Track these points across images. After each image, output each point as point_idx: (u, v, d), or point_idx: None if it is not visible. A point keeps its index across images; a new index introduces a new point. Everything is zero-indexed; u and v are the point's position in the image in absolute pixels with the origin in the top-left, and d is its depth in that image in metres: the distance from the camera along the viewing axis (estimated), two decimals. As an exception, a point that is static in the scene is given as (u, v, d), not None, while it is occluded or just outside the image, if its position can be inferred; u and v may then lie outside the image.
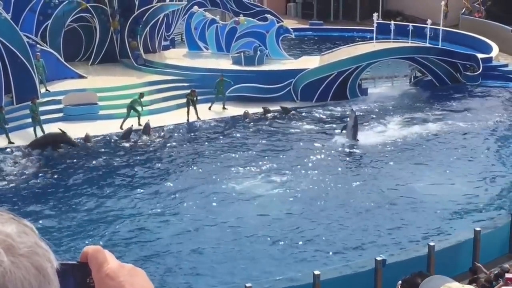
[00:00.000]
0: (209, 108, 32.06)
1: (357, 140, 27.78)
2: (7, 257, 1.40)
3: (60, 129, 27.22)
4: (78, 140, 27.44)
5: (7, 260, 1.40)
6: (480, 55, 37.88)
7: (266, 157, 26.16)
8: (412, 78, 37.58)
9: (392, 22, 39.70)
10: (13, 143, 27.05)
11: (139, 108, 29.63)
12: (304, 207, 21.70)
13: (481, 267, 14.70)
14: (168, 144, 27.83)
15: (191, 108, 30.64)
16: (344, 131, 28.34)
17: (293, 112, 31.84)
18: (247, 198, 22.47)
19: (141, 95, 30.03)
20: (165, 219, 20.91)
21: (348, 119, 28.64)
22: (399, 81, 37.42)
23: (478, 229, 16.33)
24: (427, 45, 36.96)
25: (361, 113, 31.99)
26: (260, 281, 15.58)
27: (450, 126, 30.14)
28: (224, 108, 32.33)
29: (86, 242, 19.31)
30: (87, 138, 27.72)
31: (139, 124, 29.11)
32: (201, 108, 31.12)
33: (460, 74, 36.90)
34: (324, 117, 31.65)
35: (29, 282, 1.41)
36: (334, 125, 30.21)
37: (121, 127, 29.10)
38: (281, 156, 26.32)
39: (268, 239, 19.42)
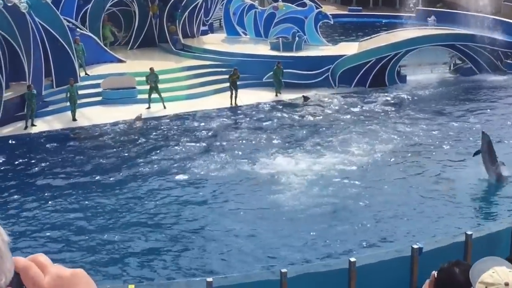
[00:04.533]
0: (276, 95, 32.34)
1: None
2: None
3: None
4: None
5: None
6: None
7: (307, 140, 26.19)
8: (452, 66, 37.21)
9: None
10: (35, 125, 27.56)
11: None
12: (340, 193, 21.64)
13: None
14: (206, 128, 27.93)
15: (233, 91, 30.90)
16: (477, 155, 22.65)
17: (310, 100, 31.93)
18: (280, 183, 22.47)
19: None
20: (202, 201, 21.06)
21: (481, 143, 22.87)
22: (439, 69, 37.09)
23: (516, 218, 16.17)
24: (467, 32, 36.50)
25: (399, 100, 31.85)
26: (295, 267, 15.59)
27: (488, 115, 29.80)
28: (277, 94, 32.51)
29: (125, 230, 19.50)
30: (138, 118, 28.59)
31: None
32: (241, 93, 31.24)
33: (501, 62, 36.41)
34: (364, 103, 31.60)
35: None
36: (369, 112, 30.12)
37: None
38: (321, 141, 26.32)
39: (302, 225, 19.42)
